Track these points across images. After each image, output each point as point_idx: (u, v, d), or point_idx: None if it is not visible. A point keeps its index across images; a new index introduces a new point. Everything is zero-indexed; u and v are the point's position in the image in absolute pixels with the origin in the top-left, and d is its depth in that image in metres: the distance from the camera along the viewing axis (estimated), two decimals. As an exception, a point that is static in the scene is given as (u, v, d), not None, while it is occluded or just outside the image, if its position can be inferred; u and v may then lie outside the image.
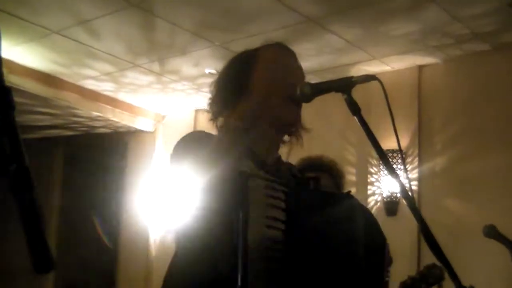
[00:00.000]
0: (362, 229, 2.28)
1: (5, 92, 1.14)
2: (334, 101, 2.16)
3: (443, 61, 6.28)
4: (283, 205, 2.09)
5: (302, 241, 2.12)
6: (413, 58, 6.28)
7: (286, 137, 2.46)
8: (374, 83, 2.12)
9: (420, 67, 6.43)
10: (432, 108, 6.31)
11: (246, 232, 1.98)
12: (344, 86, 2.16)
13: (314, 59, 6.39)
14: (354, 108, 2.12)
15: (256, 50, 2.45)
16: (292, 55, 2.47)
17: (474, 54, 6.02)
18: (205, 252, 2.12)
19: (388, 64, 6.43)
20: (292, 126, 2.41)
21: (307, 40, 5.95)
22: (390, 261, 2.92)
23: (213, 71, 6.73)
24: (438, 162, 6.15)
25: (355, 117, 2.11)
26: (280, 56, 2.42)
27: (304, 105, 2.35)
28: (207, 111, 2.45)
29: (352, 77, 2.17)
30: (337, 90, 2.18)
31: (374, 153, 2.11)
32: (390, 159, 6.04)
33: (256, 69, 2.35)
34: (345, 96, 2.14)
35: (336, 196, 2.42)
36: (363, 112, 2.14)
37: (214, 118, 2.40)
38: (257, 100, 2.30)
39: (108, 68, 7.03)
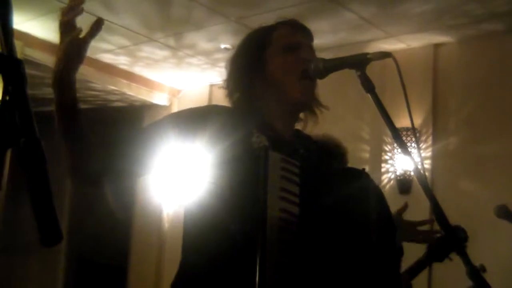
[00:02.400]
0: (376, 205, 2.28)
1: (17, 64, 1.14)
2: (349, 78, 2.16)
3: (459, 41, 6.25)
4: (297, 179, 2.10)
5: (316, 214, 2.13)
6: (429, 37, 6.25)
7: (301, 115, 2.47)
8: (390, 60, 2.12)
9: (436, 46, 6.39)
10: (447, 87, 6.29)
11: (266, 204, 2.00)
12: (359, 62, 2.15)
13: (330, 36, 6.36)
14: (368, 86, 2.12)
15: (270, 27, 2.46)
16: (305, 33, 2.46)
17: (490, 34, 5.98)
18: (220, 223, 2.14)
19: (404, 42, 6.40)
20: (305, 103, 2.40)
21: (323, 18, 5.93)
22: (401, 253, 2.92)
23: (229, 46, 6.72)
24: (452, 142, 6.13)
25: (368, 95, 2.11)
26: (293, 33, 2.41)
27: (319, 81, 2.35)
28: (223, 88, 2.47)
29: (367, 53, 2.16)
30: (351, 67, 2.17)
31: (388, 131, 2.10)
32: (403, 137, 6.03)
33: (270, 47, 2.36)
34: (359, 73, 2.13)
35: (350, 171, 2.42)
36: (377, 90, 2.13)
37: (229, 95, 2.42)
38: (271, 78, 2.31)
39: (124, 42, 7.03)
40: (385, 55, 2.13)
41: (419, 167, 2.12)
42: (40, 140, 1.12)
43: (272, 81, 2.31)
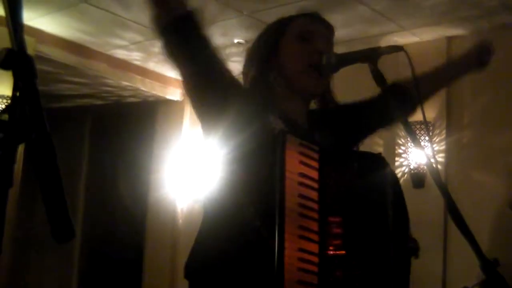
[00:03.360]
0: (392, 190, 2.29)
1: (28, 60, 1.15)
2: (363, 71, 2.16)
3: (472, 33, 6.22)
4: (316, 164, 2.11)
5: (335, 200, 2.13)
6: (442, 30, 6.23)
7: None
8: (402, 54, 2.11)
9: (449, 39, 6.37)
10: (461, 80, 6.26)
11: (284, 190, 2.01)
12: (370, 56, 2.15)
13: (344, 30, 6.35)
14: (380, 79, 2.11)
15: (290, 17, 2.49)
16: (324, 25, 2.47)
17: (503, 26, 5.95)
18: (238, 210, 2.15)
19: (417, 35, 6.38)
20: (312, 93, 2.41)
21: (336, 11, 5.91)
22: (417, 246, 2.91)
23: (242, 41, 6.72)
24: (465, 134, 6.11)
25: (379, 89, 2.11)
26: (310, 24, 2.43)
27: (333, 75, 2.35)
28: (241, 76, 2.50)
29: (378, 47, 2.16)
30: (363, 61, 2.17)
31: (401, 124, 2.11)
32: (417, 131, 6.02)
33: (286, 35, 2.39)
34: (371, 66, 2.13)
35: (368, 155, 2.43)
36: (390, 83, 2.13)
37: (244, 75, 2.45)
38: (282, 64, 2.33)
39: (137, 37, 7.03)
40: (397, 48, 2.13)
41: (432, 161, 2.11)
42: (50, 135, 1.13)
43: (283, 68, 2.34)
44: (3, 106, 6.37)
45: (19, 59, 1.13)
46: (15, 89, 1.12)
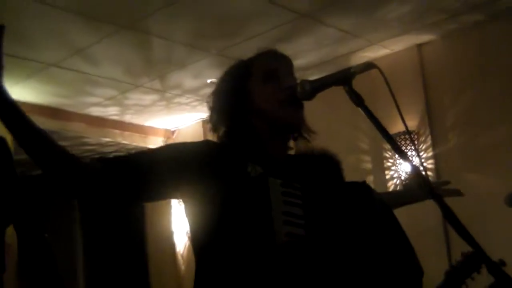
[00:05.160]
0: (383, 216, 2.28)
1: (0, 142, 1.13)
2: (340, 91, 2.14)
3: (441, 37, 6.24)
4: (300, 201, 2.11)
5: (322, 234, 2.12)
6: (412, 38, 6.25)
7: (292, 143, 2.46)
8: (379, 66, 2.10)
9: (419, 46, 6.40)
10: (438, 85, 6.28)
11: (273, 230, 2.04)
12: (343, 78, 2.13)
13: (314, 54, 6.37)
14: (357, 99, 2.10)
15: (249, 59, 2.45)
16: (283, 59, 2.45)
17: (471, 25, 5.98)
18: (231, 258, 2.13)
19: (387, 47, 6.40)
20: (294, 125, 2.39)
21: (304, 36, 5.94)
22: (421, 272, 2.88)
23: (215, 80, 6.68)
24: (451, 138, 6.11)
25: (359, 108, 2.09)
26: (272, 62, 2.40)
27: (312, 101, 2.33)
28: (207, 122, 2.47)
29: (350, 68, 2.14)
30: (337, 84, 2.16)
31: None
32: (403, 142, 6.02)
33: (251, 78, 2.35)
34: (346, 88, 2.12)
35: (352, 185, 2.41)
36: (371, 96, 2.12)
37: (215, 129, 2.41)
38: (257, 108, 2.30)
39: (110, 92, 7.03)
40: (369, 66, 2.12)
41: (421, 169, 2.10)
42: (35, 215, 1.11)
43: (258, 110, 2.30)
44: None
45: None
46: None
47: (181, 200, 2.28)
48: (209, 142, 2.36)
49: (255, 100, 2.31)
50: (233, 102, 2.35)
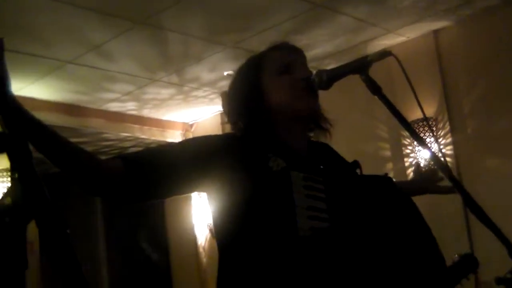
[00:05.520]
0: (405, 208, 2.28)
1: (20, 141, 1.14)
2: (357, 80, 2.14)
3: (457, 23, 6.21)
4: (323, 194, 2.11)
5: (346, 227, 2.12)
6: (427, 25, 6.22)
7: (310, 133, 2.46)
8: (395, 54, 2.11)
9: (435, 32, 6.37)
10: (455, 71, 6.26)
11: (296, 225, 2.05)
12: (360, 67, 2.14)
13: (329, 43, 6.37)
14: (374, 87, 2.10)
15: (261, 55, 2.45)
16: (296, 52, 2.44)
17: (486, 10, 5.95)
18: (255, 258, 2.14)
19: (404, 34, 6.38)
20: (312, 118, 2.39)
21: (319, 26, 5.93)
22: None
23: (231, 72, 6.72)
24: (469, 124, 6.09)
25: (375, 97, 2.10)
26: (285, 57, 2.39)
27: (328, 91, 2.32)
28: (226, 122, 2.47)
29: (367, 56, 2.15)
30: (353, 73, 2.16)
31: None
32: (421, 128, 6.00)
33: (264, 74, 2.35)
34: (363, 76, 2.12)
35: (373, 178, 2.41)
36: (388, 85, 2.13)
37: (234, 126, 2.41)
38: (273, 103, 2.30)
39: (128, 87, 7.05)
40: (386, 54, 2.12)
41: (440, 156, 2.11)
42: (59, 212, 1.12)
43: (275, 105, 2.30)
44: (8, 179, 6.37)
45: (11, 141, 1.12)
46: (12, 171, 1.11)
47: (203, 192, 2.29)
48: (232, 135, 2.37)
49: (271, 95, 2.31)
50: (249, 101, 2.35)
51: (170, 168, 2.12)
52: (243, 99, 2.37)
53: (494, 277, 2.23)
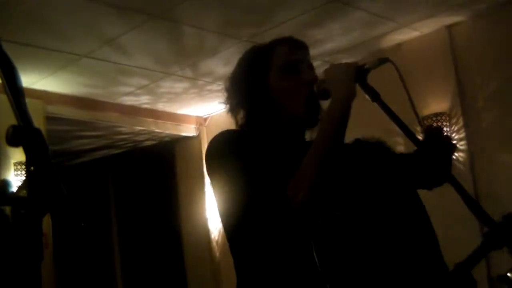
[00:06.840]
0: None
1: (36, 134, 1.15)
2: (372, 74, 2.15)
3: (471, 17, 6.20)
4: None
5: (359, 214, 2.15)
6: (441, 20, 6.20)
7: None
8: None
9: (449, 27, 6.34)
10: (469, 66, 6.24)
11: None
12: (358, 75, 2.15)
13: (343, 38, 6.36)
14: (373, 95, 2.12)
15: (267, 48, 2.45)
16: (302, 49, 2.45)
17: (501, 5, 5.93)
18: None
19: (418, 29, 6.37)
20: (314, 124, 2.40)
21: (334, 21, 5.93)
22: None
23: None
24: (483, 118, 6.07)
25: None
26: (292, 54, 2.39)
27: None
28: (224, 104, 2.51)
29: (364, 64, 2.16)
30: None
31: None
32: (434, 123, 5.99)
33: (270, 71, 2.36)
34: (361, 85, 2.14)
35: (374, 147, 2.47)
36: (396, 84, 2.13)
37: (233, 113, 2.44)
38: (277, 101, 2.31)
39: (142, 81, 7.07)
40: (383, 61, 2.13)
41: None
42: (72, 203, 1.13)
43: (278, 104, 2.31)
44: (23, 172, 6.40)
45: (27, 134, 1.13)
46: (28, 163, 1.13)
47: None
48: (245, 131, 2.39)
49: (276, 95, 2.32)
50: (255, 94, 2.37)
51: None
52: (249, 91, 2.39)
53: (496, 275, 2.24)
